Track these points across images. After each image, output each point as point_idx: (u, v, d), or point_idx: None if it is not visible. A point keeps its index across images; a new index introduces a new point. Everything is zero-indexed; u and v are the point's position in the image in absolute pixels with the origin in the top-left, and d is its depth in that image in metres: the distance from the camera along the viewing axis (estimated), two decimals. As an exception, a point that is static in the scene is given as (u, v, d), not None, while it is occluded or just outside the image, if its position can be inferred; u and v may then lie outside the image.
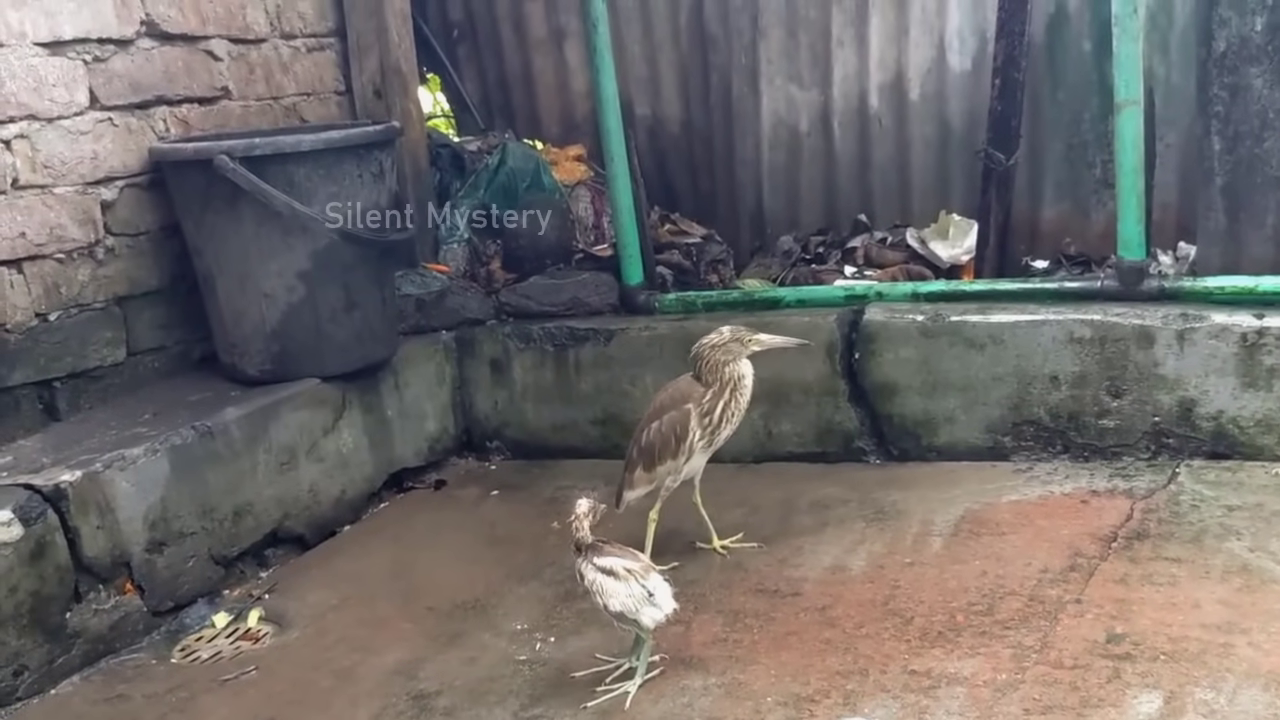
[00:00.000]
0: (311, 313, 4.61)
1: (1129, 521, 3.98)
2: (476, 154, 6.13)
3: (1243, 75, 4.42)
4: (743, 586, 3.89)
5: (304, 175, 4.49)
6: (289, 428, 4.52)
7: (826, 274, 5.58)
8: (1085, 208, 5.35)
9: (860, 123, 5.77)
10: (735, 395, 3.97)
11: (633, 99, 6.12)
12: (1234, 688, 2.99)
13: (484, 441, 5.40)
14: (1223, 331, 4.30)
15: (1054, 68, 5.29)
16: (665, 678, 3.37)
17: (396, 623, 3.92)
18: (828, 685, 3.23)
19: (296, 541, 4.54)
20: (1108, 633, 3.30)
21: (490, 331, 5.36)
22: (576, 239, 5.87)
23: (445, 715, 3.33)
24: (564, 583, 4.04)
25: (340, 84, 5.70)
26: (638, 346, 5.13)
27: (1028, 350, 4.55)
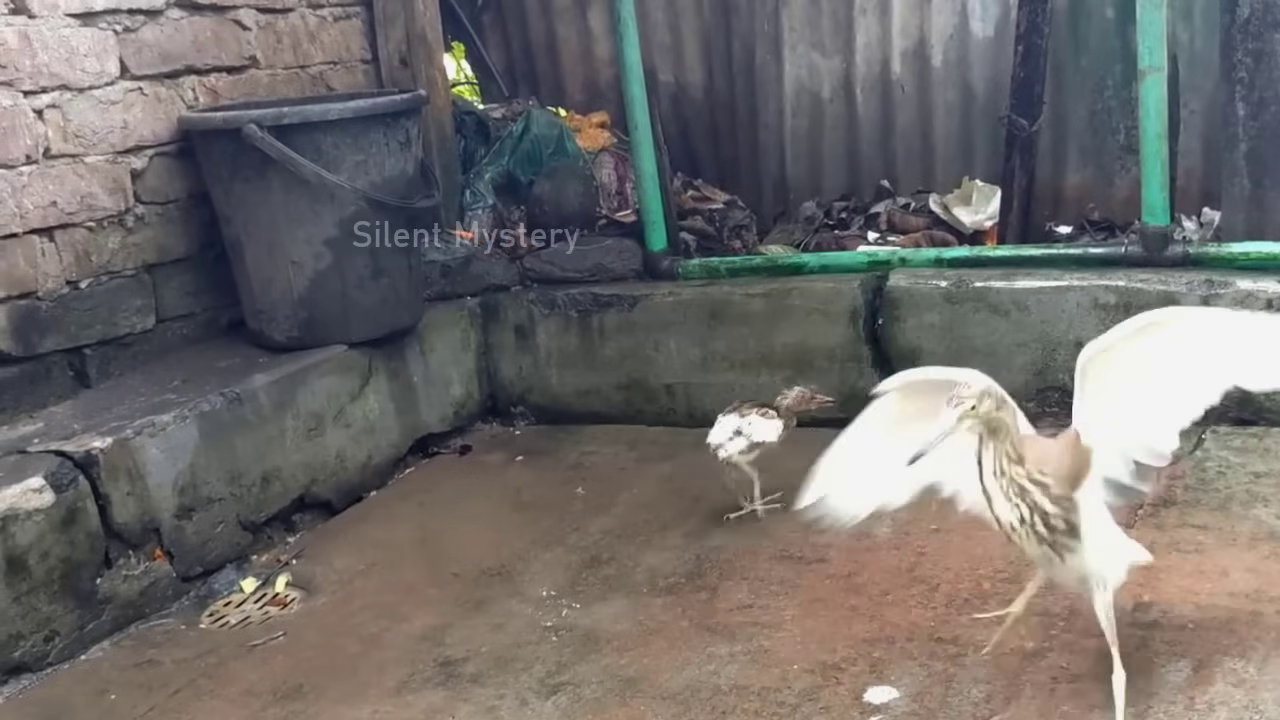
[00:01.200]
0: (338, 279, 4.63)
1: (1155, 488, 3.98)
2: (501, 121, 6.14)
3: (1267, 41, 4.41)
4: (768, 553, 3.91)
5: (331, 143, 4.51)
6: (316, 394, 4.55)
7: (850, 240, 5.59)
8: (1109, 174, 5.35)
9: (883, 89, 5.78)
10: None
11: (656, 66, 6.12)
12: (1263, 656, 2.99)
13: (509, 407, 5.42)
14: (1248, 297, 4.29)
15: (1077, 34, 5.28)
16: (691, 645, 3.40)
17: (423, 589, 3.95)
18: (854, 653, 3.25)
19: (323, 507, 4.57)
20: (1135, 601, 3.30)
21: (515, 297, 5.38)
22: (600, 205, 5.88)
23: (472, 682, 3.36)
24: (589, 549, 4.08)
25: (366, 52, 5.71)
26: (661, 312, 5.14)
27: (1052, 316, 4.55)
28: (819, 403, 4.28)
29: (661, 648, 3.41)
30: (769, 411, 4.19)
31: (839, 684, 3.11)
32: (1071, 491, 2.68)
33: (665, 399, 5.18)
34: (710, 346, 5.07)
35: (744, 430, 4.14)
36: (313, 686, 3.43)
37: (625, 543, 4.11)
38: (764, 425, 4.15)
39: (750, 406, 4.21)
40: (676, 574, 3.85)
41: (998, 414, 2.63)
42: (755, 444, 4.13)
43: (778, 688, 3.13)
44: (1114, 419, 2.81)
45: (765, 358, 4.99)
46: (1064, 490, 2.67)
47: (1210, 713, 2.79)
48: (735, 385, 5.01)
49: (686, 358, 5.11)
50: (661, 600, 3.69)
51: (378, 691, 3.37)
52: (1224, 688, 2.88)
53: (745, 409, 4.20)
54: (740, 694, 3.13)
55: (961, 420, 2.59)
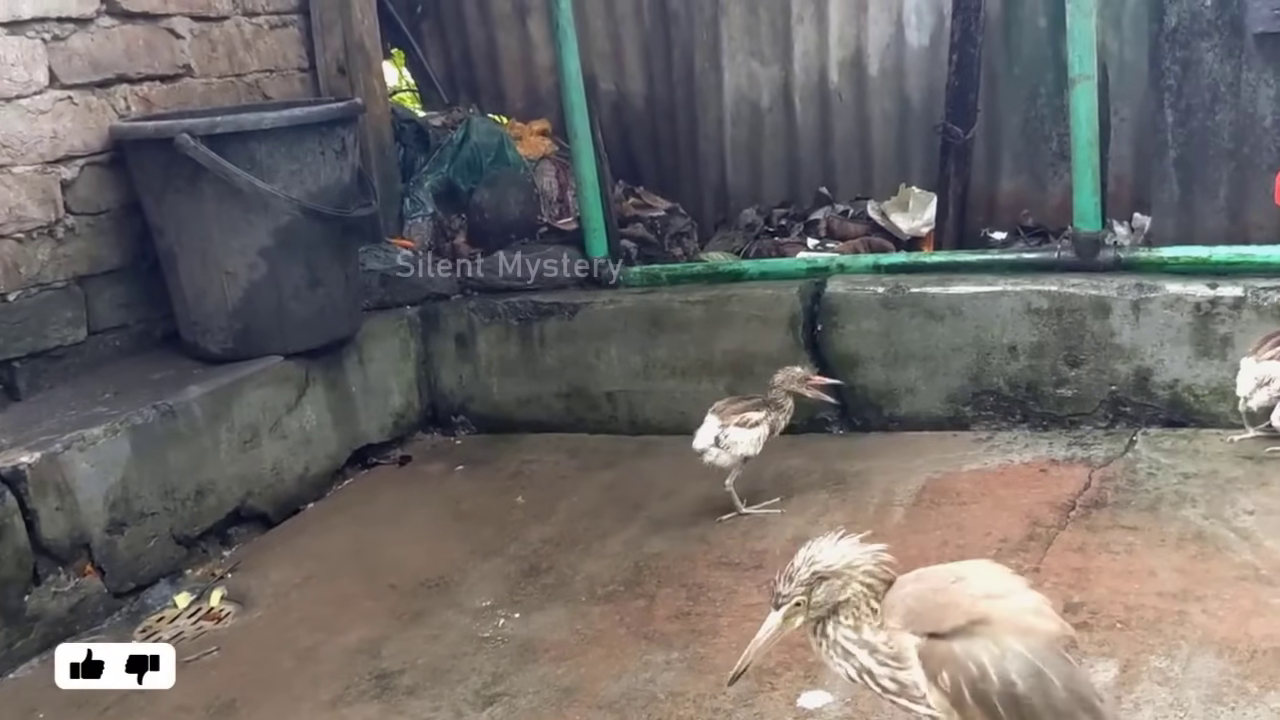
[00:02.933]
0: (274, 290, 4.60)
1: (1087, 490, 4.03)
2: (441, 129, 6.13)
3: (1194, 50, 4.46)
4: (705, 559, 3.92)
5: (265, 153, 4.48)
6: (252, 406, 4.52)
7: (789, 246, 5.62)
8: (1042, 180, 5.41)
9: (821, 98, 5.81)
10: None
11: (596, 74, 6.12)
12: (1188, 655, 3.03)
13: (449, 416, 5.41)
14: (1177, 301, 4.34)
15: (1010, 43, 5.34)
16: (628, 653, 3.40)
17: (360, 601, 3.93)
18: (789, 659, 3.25)
19: (260, 520, 4.54)
20: (1065, 601, 3.33)
21: (455, 306, 5.37)
22: (541, 213, 5.88)
23: (408, 694, 3.34)
24: (528, 558, 4.08)
25: (304, 61, 5.68)
26: (602, 320, 5.15)
27: (987, 321, 4.59)
28: (815, 385, 4.27)
29: (599, 656, 3.42)
30: (748, 417, 4.16)
31: (774, 689, 3.12)
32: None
33: (607, 407, 5.18)
34: (651, 354, 5.08)
35: (722, 442, 4.14)
36: (246, 701, 3.40)
37: (565, 551, 4.11)
38: (743, 437, 4.14)
39: (733, 409, 4.20)
40: (615, 582, 3.85)
41: (840, 596, 2.31)
42: (736, 458, 4.16)
43: (713, 694, 3.14)
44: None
45: (706, 365, 5.00)
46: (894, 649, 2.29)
47: (1136, 711, 2.83)
48: (676, 393, 5.04)
49: (627, 365, 5.12)
50: (600, 609, 3.69)
51: (312, 705, 3.35)
52: (1149, 686, 2.92)
53: (728, 414, 4.19)
54: (676, 701, 3.14)
55: (788, 620, 2.37)
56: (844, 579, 2.30)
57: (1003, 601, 2.27)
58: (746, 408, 4.20)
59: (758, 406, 4.20)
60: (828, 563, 2.31)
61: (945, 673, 2.20)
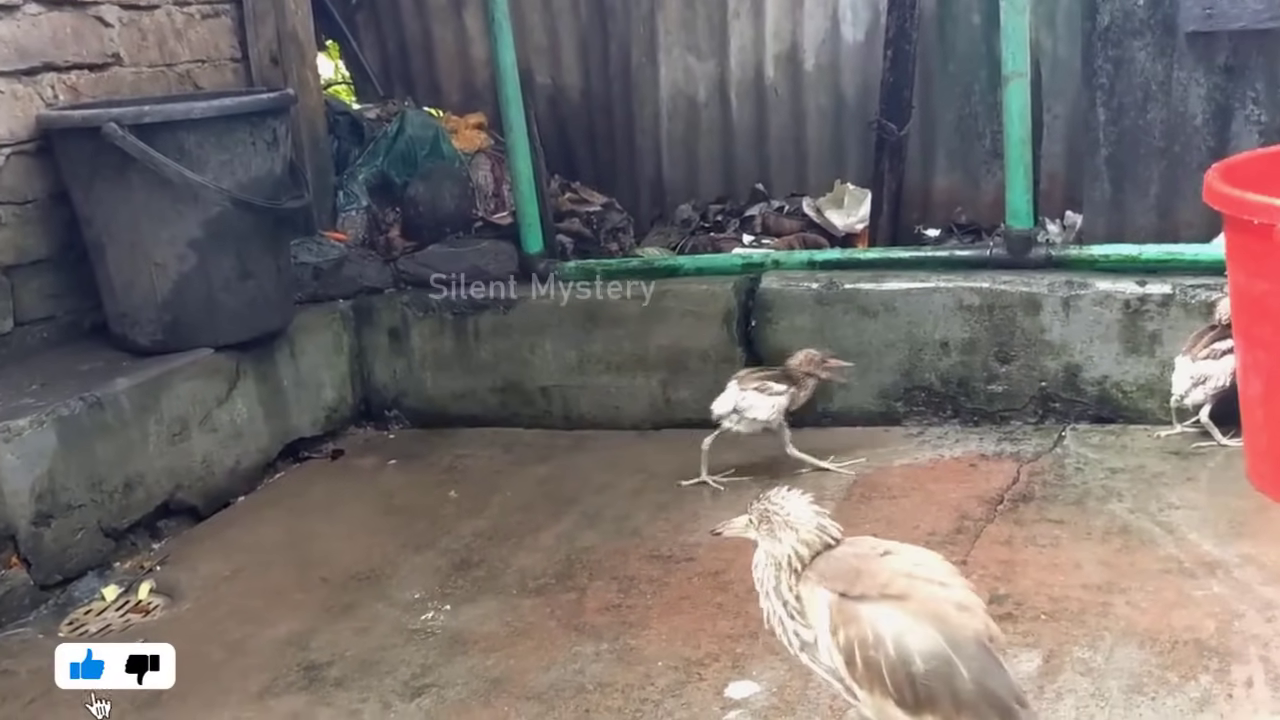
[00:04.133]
0: (204, 282, 4.56)
1: (1015, 484, 4.06)
2: (375, 121, 6.09)
3: (1126, 48, 4.51)
4: (638, 552, 3.92)
5: (195, 143, 4.44)
6: (181, 398, 4.47)
7: (725, 242, 5.62)
8: (976, 177, 5.45)
9: (757, 93, 5.83)
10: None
11: (533, 68, 6.12)
12: (1111, 646, 3.06)
13: (383, 410, 5.38)
14: (1106, 299, 4.39)
15: (945, 40, 5.37)
16: (557, 645, 3.40)
17: (289, 594, 3.90)
18: (717, 649, 3.27)
19: (189, 513, 4.50)
20: (991, 594, 3.35)
21: (389, 300, 5.34)
22: (476, 207, 5.86)
23: (336, 686, 3.32)
24: (459, 551, 4.06)
25: (236, 51, 5.62)
26: (537, 314, 5.13)
27: (919, 317, 4.62)
28: (830, 367, 4.35)
29: (528, 648, 3.41)
30: (768, 385, 4.28)
31: (702, 680, 3.13)
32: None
33: (541, 401, 5.18)
34: (586, 349, 5.08)
35: (739, 408, 4.26)
36: (173, 694, 3.34)
37: (497, 545, 4.10)
38: (761, 403, 4.26)
39: (755, 376, 4.33)
40: (547, 575, 3.84)
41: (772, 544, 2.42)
42: (753, 422, 4.29)
43: (641, 685, 3.14)
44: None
45: (641, 360, 5.01)
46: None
47: (1058, 701, 2.85)
48: (611, 388, 5.04)
49: (562, 360, 5.11)
50: (530, 601, 3.68)
51: (239, 697, 3.32)
52: (1072, 676, 2.95)
53: (748, 380, 4.31)
54: (604, 692, 3.14)
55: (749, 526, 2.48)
56: (781, 531, 2.41)
57: (927, 586, 2.29)
58: (768, 377, 4.30)
59: (779, 379, 4.29)
60: (776, 509, 2.43)
61: (844, 631, 2.27)
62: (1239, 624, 3.10)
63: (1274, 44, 4.34)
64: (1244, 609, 3.17)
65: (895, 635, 2.22)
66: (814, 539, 2.39)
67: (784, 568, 2.41)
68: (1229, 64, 4.41)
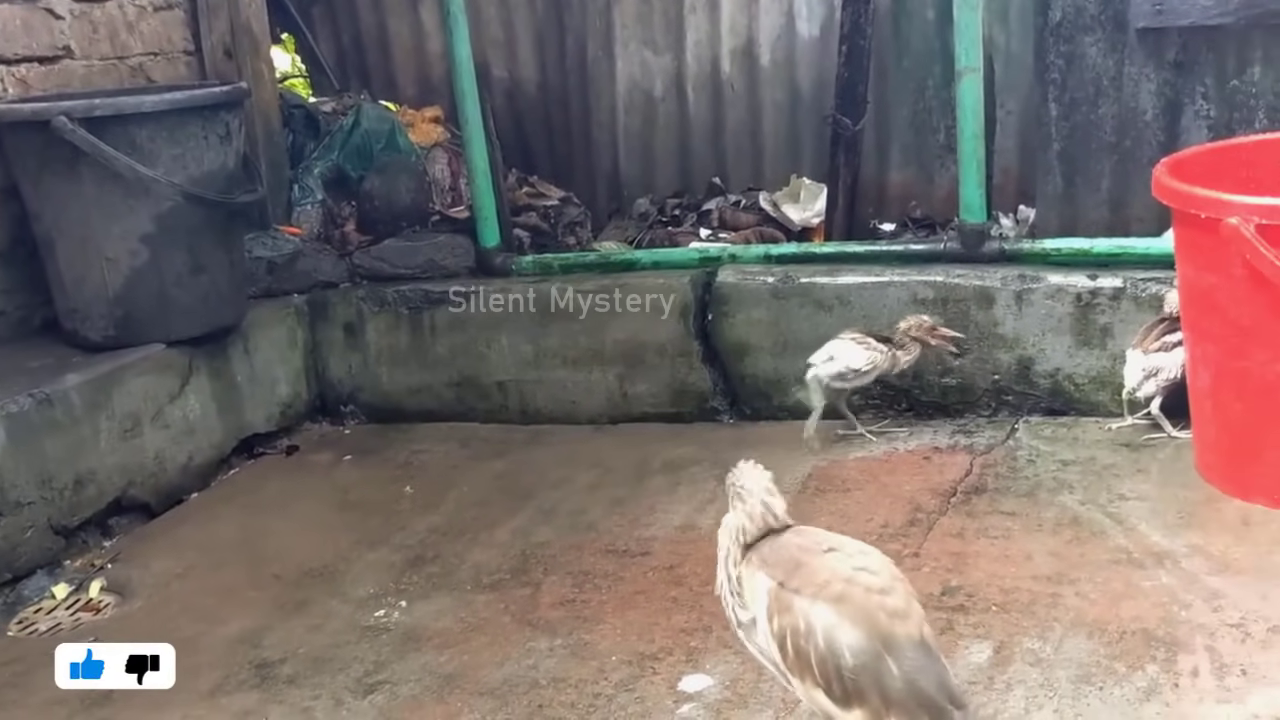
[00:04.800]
0: (156, 276, 4.53)
1: (968, 477, 4.08)
2: (331, 115, 6.07)
3: (1078, 44, 4.53)
4: (593, 547, 3.92)
5: (146, 137, 4.41)
6: (133, 394, 4.44)
7: (682, 236, 5.63)
8: (930, 172, 5.47)
9: (713, 88, 5.83)
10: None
11: (489, 61, 6.11)
12: (1060, 637, 3.08)
13: (338, 406, 5.35)
14: (1058, 292, 4.41)
15: (899, 36, 5.39)
16: (511, 641, 3.39)
17: (242, 591, 3.88)
18: (672, 643, 3.27)
19: (142, 510, 4.46)
20: (943, 585, 3.38)
21: (344, 294, 5.31)
22: (433, 201, 5.84)
23: (288, 683, 3.31)
24: (414, 548, 4.05)
25: (189, 44, 5.57)
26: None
27: (874, 311, 4.63)
28: (941, 335, 4.37)
29: (482, 644, 3.40)
30: (870, 341, 4.34)
31: (655, 674, 3.13)
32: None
33: (498, 396, 5.16)
34: (543, 343, 5.07)
35: (835, 355, 4.35)
36: (123, 692, 3.32)
37: (452, 541, 4.09)
38: (853, 352, 4.33)
39: (858, 330, 4.40)
40: (502, 570, 3.84)
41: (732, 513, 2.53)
42: (843, 371, 4.35)
43: (595, 679, 3.14)
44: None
45: (598, 354, 5.00)
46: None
47: (1008, 691, 2.87)
48: (567, 382, 5.03)
49: (519, 355, 5.10)
50: (485, 597, 3.68)
51: (190, 695, 3.29)
52: (1022, 667, 2.97)
53: (848, 333, 4.39)
54: (558, 687, 3.14)
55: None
56: (735, 502, 2.53)
57: (865, 594, 2.32)
58: (871, 334, 4.38)
59: (883, 339, 4.35)
60: (735, 478, 2.56)
61: (779, 619, 2.34)
62: (1186, 614, 3.13)
63: (1223, 40, 4.38)
64: (1191, 599, 3.20)
65: (826, 629, 2.27)
66: (757, 516, 2.48)
67: (734, 539, 2.50)
68: (1179, 60, 4.45)
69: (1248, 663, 2.90)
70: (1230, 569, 3.34)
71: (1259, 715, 2.71)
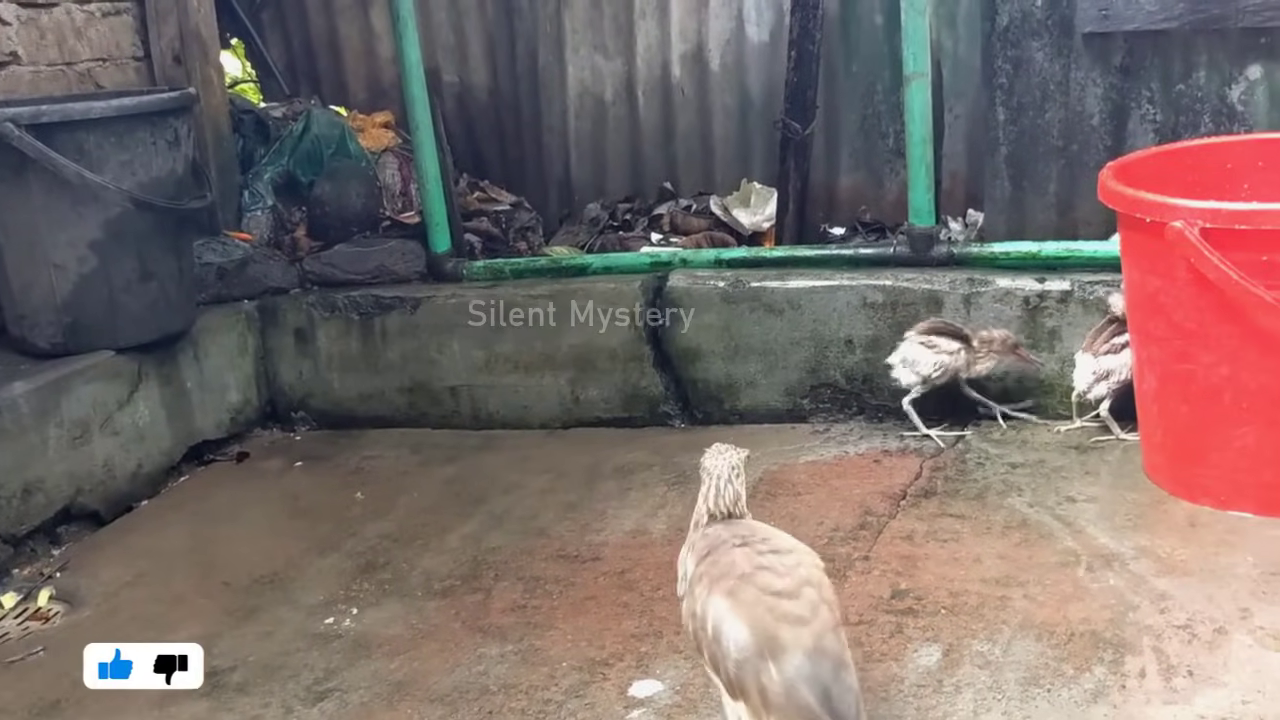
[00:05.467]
0: (105, 283, 4.50)
1: (918, 480, 4.11)
2: (281, 120, 6.04)
3: (1025, 49, 4.57)
4: (544, 553, 3.92)
5: (95, 143, 4.38)
6: (81, 401, 4.41)
7: (633, 241, 5.64)
8: (879, 176, 5.51)
9: (664, 92, 5.85)
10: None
11: (440, 66, 6.11)
12: (1009, 639, 3.10)
13: (289, 412, 5.33)
14: (1006, 295, 4.45)
15: (848, 41, 5.42)
16: (462, 647, 3.39)
17: (192, 599, 3.86)
18: (622, 649, 3.28)
19: (91, 518, 4.43)
20: (893, 589, 3.40)
21: (294, 300, 5.28)
22: (384, 206, 5.83)
23: (238, 691, 3.30)
24: (365, 554, 4.04)
25: (138, 49, 5.56)
26: (445, 314, 5.10)
27: (824, 315, 4.65)
28: (1022, 355, 4.36)
29: (433, 650, 3.40)
30: (938, 341, 4.34)
31: (606, 679, 3.14)
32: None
33: (449, 401, 5.15)
34: (495, 349, 5.06)
35: (907, 359, 4.39)
36: (72, 702, 3.32)
37: (403, 547, 4.08)
38: (923, 357, 4.35)
39: (925, 328, 4.39)
40: (453, 576, 3.83)
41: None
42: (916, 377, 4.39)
43: (545, 685, 3.14)
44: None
45: (549, 359, 5.00)
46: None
47: (957, 694, 2.89)
48: (519, 387, 5.03)
49: (470, 360, 5.09)
50: (435, 603, 3.67)
51: (140, 703, 3.27)
52: (971, 669, 2.99)
53: (916, 331, 4.40)
54: (508, 693, 3.14)
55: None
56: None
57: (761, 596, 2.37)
58: (942, 330, 4.37)
59: (957, 337, 4.33)
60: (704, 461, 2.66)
61: (687, 601, 2.48)
62: (1133, 615, 3.16)
63: (1168, 44, 4.43)
64: (1138, 600, 3.23)
65: (716, 620, 2.36)
66: (711, 499, 2.59)
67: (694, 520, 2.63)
68: (1125, 64, 4.50)
69: (1194, 664, 2.93)
70: (1177, 570, 3.37)
71: (1205, 716, 2.74)
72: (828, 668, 2.30)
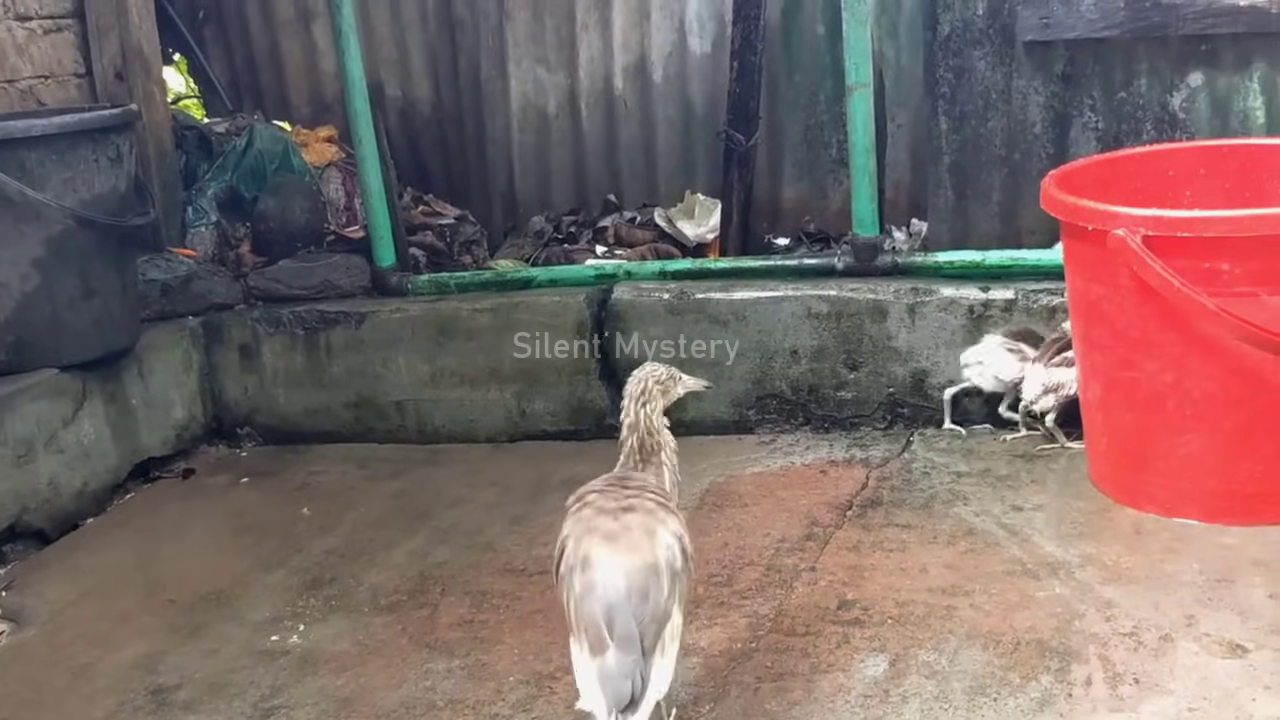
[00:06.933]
0: (47, 301, 4.46)
1: (864, 490, 4.13)
2: (225, 136, 6.00)
3: (966, 58, 4.61)
4: (491, 567, 3.91)
5: (36, 160, 4.35)
6: (25, 420, 4.37)
7: (578, 253, 5.64)
8: (823, 187, 5.54)
9: (606, 104, 5.86)
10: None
11: (383, 80, 6.10)
12: (955, 648, 3.13)
13: (234, 428, 5.29)
14: (951, 304, 4.48)
15: (790, 51, 5.45)
16: (409, 663, 3.38)
17: (137, 617, 3.83)
18: (569, 662, 3.24)
19: (36, 536, 4.39)
20: (839, 599, 3.42)
21: (239, 316, 5.25)
22: (328, 221, 5.80)
23: (184, 709, 3.28)
24: (311, 570, 4.02)
25: (80, 66, 5.50)
26: (390, 328, 5.09)
27: (769, 326, 4.67)
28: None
29: (379, 666, 3.39)
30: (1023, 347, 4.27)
31: (553, 693, 3.14)
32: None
33: (395, 416, 5.13)
34: (439, 362, 5.04)
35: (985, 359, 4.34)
36: (16, 722, 3.30)
37: (349, 562, 4.06)
38: (1004, 361, 4.29)
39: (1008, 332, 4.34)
40: (399, 592, 3.82)
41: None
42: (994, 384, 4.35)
43: (492, 700, 3.14)
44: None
45: (495, 372, 4.99)
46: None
47: (904, 704, 2.91)
48: (465, 401, 5.02)
49: (416, 374, 5.07)
50: (382, 619, 3.66)
51: (84, 724, 3.26)
52: (917, 680, 3.01)
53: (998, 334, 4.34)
54: (455, 709, 3.13)
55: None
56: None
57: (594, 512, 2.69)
58: (1022, 336, 4.31)
59: (1037, 343, 4.27)
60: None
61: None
62: (1079, 624, 3.19)
63: (1109, 53, 4.47)
64: (1084, 609, 3.26)
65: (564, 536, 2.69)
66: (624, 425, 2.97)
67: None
68: (1066, 72, 4.54)
69: (1140, 671, 2.96)
70: (1123, 578, 3.41)
71: (1150, 722, 2.78)
72: (627, 593, 2.48)
